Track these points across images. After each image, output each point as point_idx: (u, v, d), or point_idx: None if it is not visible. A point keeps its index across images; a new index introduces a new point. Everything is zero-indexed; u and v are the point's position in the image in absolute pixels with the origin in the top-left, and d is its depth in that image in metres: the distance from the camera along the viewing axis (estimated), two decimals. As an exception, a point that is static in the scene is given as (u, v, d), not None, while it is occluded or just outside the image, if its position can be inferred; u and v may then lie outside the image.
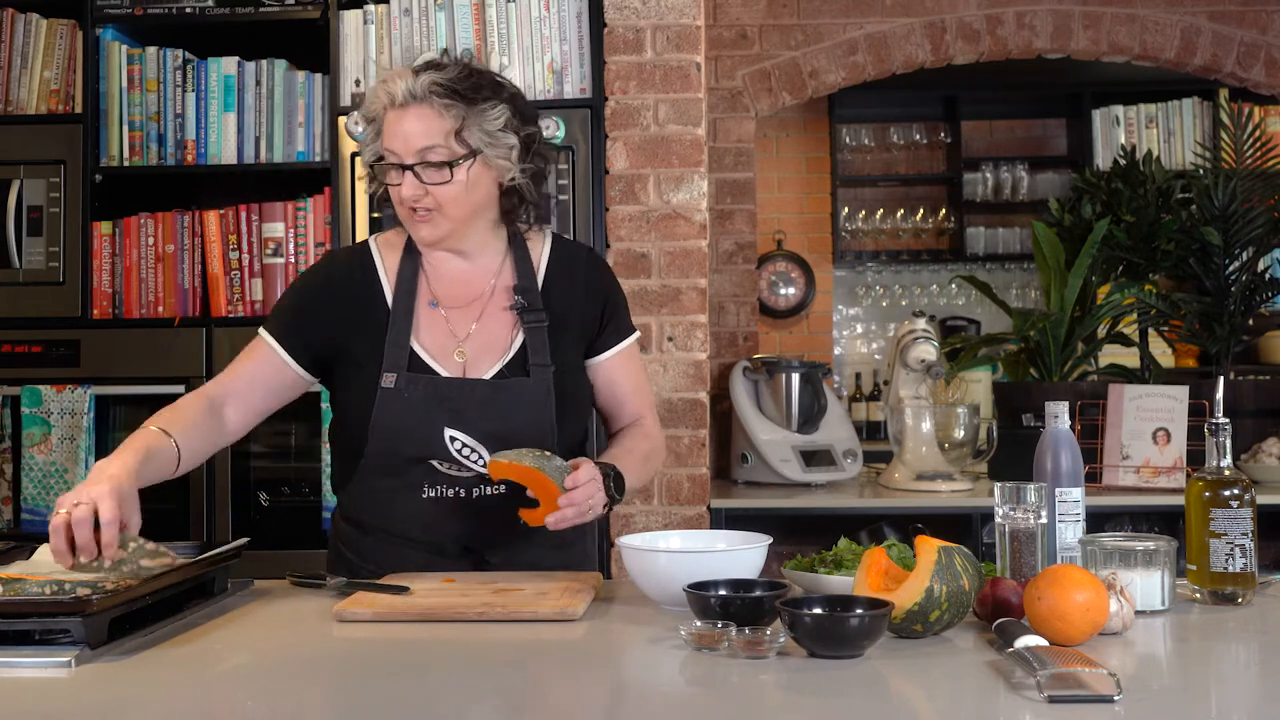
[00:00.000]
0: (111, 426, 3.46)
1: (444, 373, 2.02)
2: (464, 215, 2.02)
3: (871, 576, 1.64)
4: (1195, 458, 3.30)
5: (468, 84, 1.97)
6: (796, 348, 6.54)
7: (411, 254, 2.10)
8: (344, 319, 2.07)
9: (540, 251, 2.14)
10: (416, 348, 2.04)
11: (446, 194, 1.98)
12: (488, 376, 2.03)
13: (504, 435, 1.99)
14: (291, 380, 2.10)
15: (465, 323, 2.07)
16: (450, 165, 1.96)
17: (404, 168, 1.97)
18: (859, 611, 1.51)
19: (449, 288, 2.09)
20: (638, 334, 2.22)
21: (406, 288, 2.07)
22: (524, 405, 2.02)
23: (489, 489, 2.01)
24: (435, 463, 2.01)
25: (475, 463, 2.01)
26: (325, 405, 3.32)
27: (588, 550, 2.21)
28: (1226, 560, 1.76)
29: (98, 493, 1.73)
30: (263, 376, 2.08)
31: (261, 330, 2.11)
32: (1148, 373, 3.91)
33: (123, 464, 1.83)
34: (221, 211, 3.50)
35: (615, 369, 2.16)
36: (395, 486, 2.04)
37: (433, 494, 2.02)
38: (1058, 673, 1.32)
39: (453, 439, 2.00)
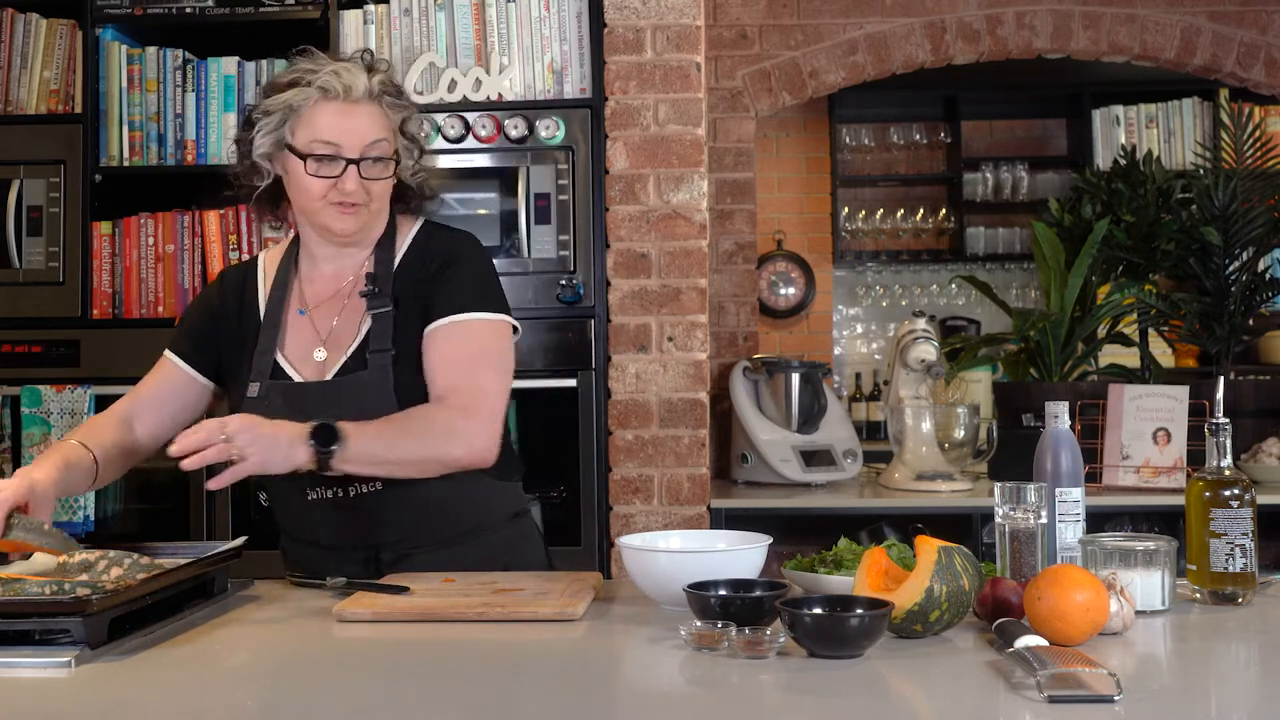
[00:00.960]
0: (111, 426, 3.46)
1: (299, 378, 2.04)
2: (382, 209, 2.08)
3: (871, 576, 1.64)
4: (1195, 458, 3.30)
5: (401, 88, 2.09)
6: (796, 348, 6.54)
7: (285, 266, 2.14)
8: (226, 335, 2.14)
9: (405, 237, 2.13)
10: (280, 357, 2.07)
11: (380, 189, 2.04)
12: (332, 373, 2.03)
13: None
14: (198, 391, 2.17)
15: (327, 320, 2.08)
16: (396, 161, 2.04)
17: (348, 161, 1.99)
18: (859, 611, 1.51)
19: (318, 289, 2.11)
20: (483, 317, 2.04)
21: (278, 296, 2.11)
22: (364, 397, 1.98)
23: (364, 486, 2.00)
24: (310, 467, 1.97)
25: None
26: (325, 405, 3.32)
27: (510, 538, 2.13)
28: (1226, 560, 1.76)
29: (5, 484, 1.82)
30: (170, 391, 2.17)
31: (166, 350, 2.19)
32: (1148, 373, 3.91)
33: (44, 471, 1.90)
34: (221, 211, 3.50)
35: (430, 344, 2.02)
36: (285, 491, 2.08)
37: (314, 495, 2.04)
38: (1058, 673, 1.32)
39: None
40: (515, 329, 2.10)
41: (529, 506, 2.23)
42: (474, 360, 2.02)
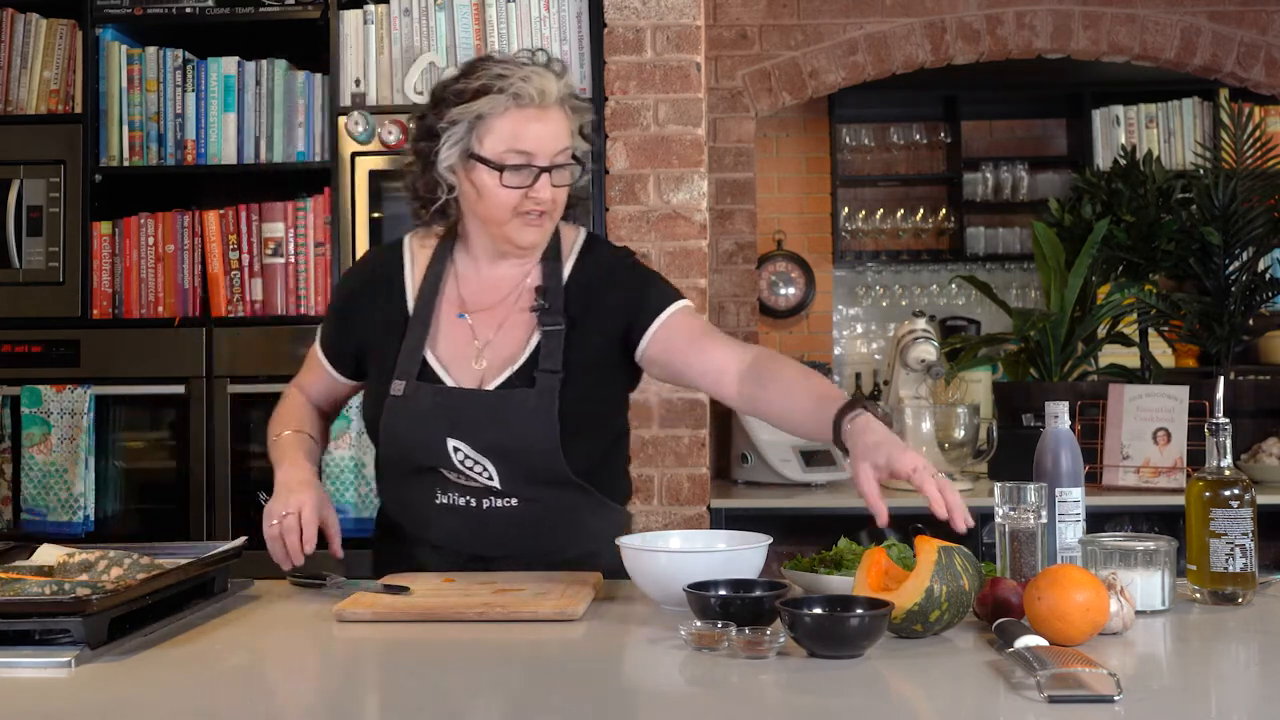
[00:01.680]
0: (111, 426, 3.47)
1: (452, 382, 1.98)
2: (559, 217, 2.01)
3: (871, 576, 1.64)
4: (1195, 458, 3.30)
5: (576, 90, 2.01)
6: (796, 348, 6.54)
7: (440, 259, 2.06)
8: (369, 323, 2.06)
9: (571, 249, 2.06)
10: (430, 356, 2.00)
11: (563, 196, 1.97)
12: (493, 386, 1.97)
13: (504, 447, 1.94)
14: (342, 386, 2.17)
15: (488, 329, 2.01)
16: (581, 168, 1.98)
17: (543, 169, 1.92)
18: (859, 611, 1.51)
19: (478, 293, 2.04)
20: (685, 303, 2.02)
21: (430, 293, 2.03)
22: (525, 416, 1.93)
23: (499, 501, 1.98)
24: (444, 471, 1.98)
25: (480, 475, 1.96)
26: (325, 405, 3.32)
27: (614, 565, 2.06)
28: (1226, 560, 1.76)
29: (296, 501, 1.92)
30: (321, 385, 2.18)
31: (316, 346, 2.17)
32: (1148, 373, 3.91)
33: (304, 470, 2.01)
34: (221, 211, 3.50)
35: (666, 338, 1.98)
36: (412, 492, 2.03)
37: (445, 501, 2.00)
38: (1058, 673, 1.32)
39: (456, 450, 1.95)
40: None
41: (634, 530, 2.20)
42: (715, 331, 2.05)
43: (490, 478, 1.95)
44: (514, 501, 1.97)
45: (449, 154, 1.93)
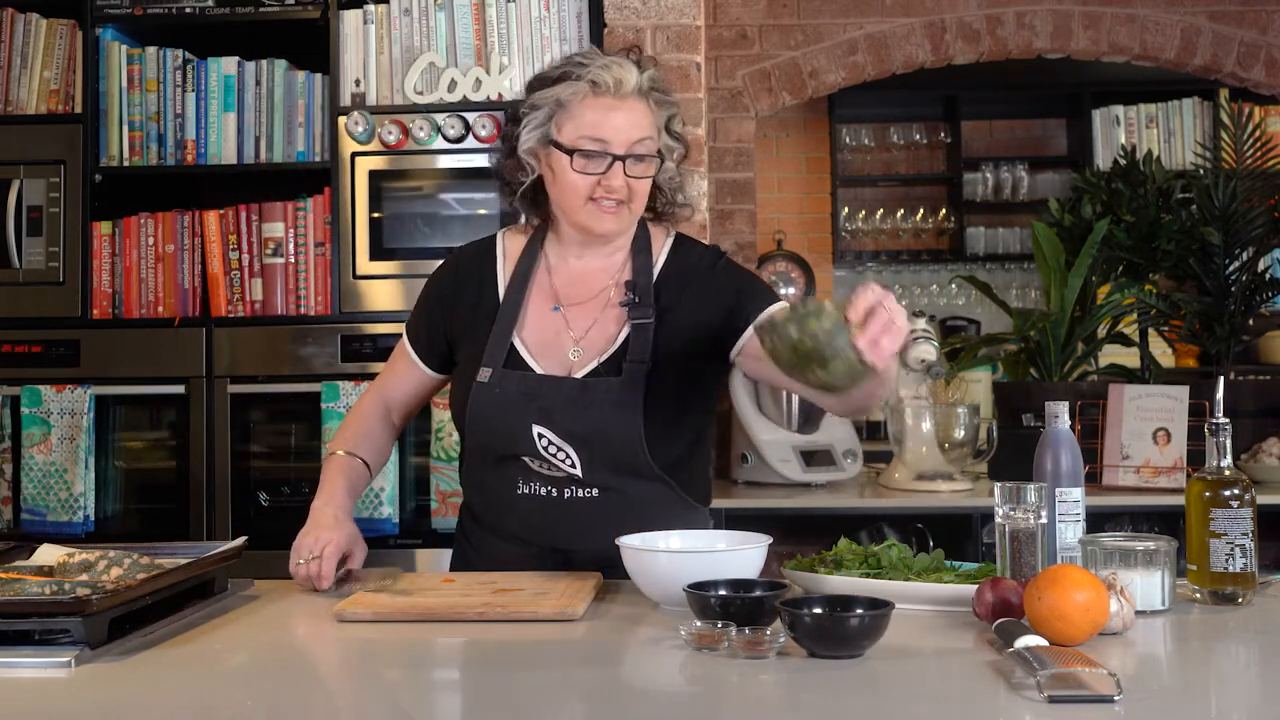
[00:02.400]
0: (111, 426, 3.47)
1: (541, 370, 2.00)
2: (641, 209, 2.04)
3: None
4: (1195, 458, 3.30)
5: (665, 85, 2.03)
6: (796, 348, 6.53)
7: (531, 252, 2.09)
8: (460, 313, 2.10)
9: (661, 247, 2.10)
10: (518, 344, 2.02)
11: (642, 188, 1.99)
12: (581, 374, 1.99)
13: (589, 436, 1.96)
14: (430, 382, 2.18)
15: (583, 321, 2.04)
16: (660, 159, 2.00)
17: (615, 158, 1.95)
18: (859, 611, 1.51)
19: (569, 285, 2.07)
20: (785, 305, 2.00)
21: (520, 284, 2.06)
22: (610, 403, 1.95)
23: (581, 491, 1.99)
24: (527, 460, 1.99)
25: (563, 462, 1.97)
26: (326, 406, 3.32)
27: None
28: (1226, 560, 1.76)
29: (322, 541, 1.94)
30: (409, 380, 2.18)
31: (405, 339, 2.18)
32: (1148, 373, 3.91)
33: (337, 505, 2.03)
34: (221, 211, 3.50)
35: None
36: (493, 480, 2.04)
37: (526, 490, 2.01)
38: (1058, 673, 1.32)
39: (540, 436, 1.96)
40: None
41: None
42: None
43: (573, 465, 1.97)
44: (595, 492, 1.99)
45: (529, 137, 1.99)
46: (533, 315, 2.05)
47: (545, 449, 1.97)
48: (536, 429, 1.96)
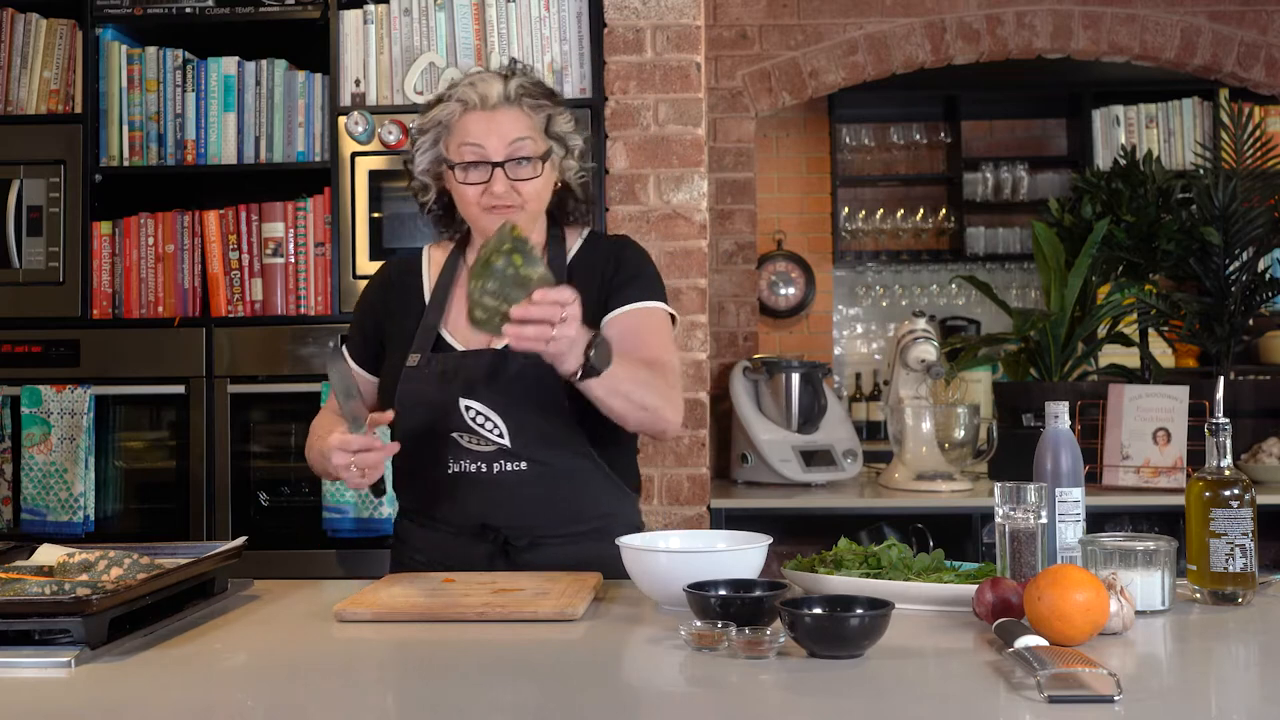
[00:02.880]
0: (111, 426, 3.47)
1: (462, 349, 2.10)
2: (538, 210, 2.14)
3: None
4: (1195, 458, 3.30)
5: (545, 89, 2.14)
6: (796, 348, 6.54)
7: (454, 261, 2.21)
8: (388, 318, 2.21)
9: (575, 241, 2.21)
10: (444, 332, 2.13)
11: (531, 189, 2.09)
12: (499, 346, 2.06)
13: (513, 403, 2.05)
14: (372, 386, 2.23)
15: None
16: (542, 159, 2.09)
17: (495, 165, 2.06)
18: (859, 611, 1.51)
19: None
20: (660, 306, 2.15)
21: (445, 283, 2.18)
22: (530, 372, 2.02)
23: (510, 464, 2.06)
24: (457, 435, 2.06)
25: (491, 432, 2.05)
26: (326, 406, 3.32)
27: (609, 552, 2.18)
28: (1226, 560, 1.76)
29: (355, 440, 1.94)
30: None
31: (344, 347, 2.26)
32: (1148, 373, 3.91)
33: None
34: (221, 211, 3.50)
35: (617, 330, 2.08)
36: (424, 463, 2.10)
37: (457, 468, 2.08)
38: (1058, 673, 1.32)
39: (468, 408, 2.05)
40: (674, 319, 2.20)
41: (643, 523, 2.27)
42: (660, 344, 2.13)
43: (501, 434, 2.05)
44: (523, 465, 2.06)
45: (421, 160, 2.15)
46: (455, 309, 2.14)
47: (474, 419, 2.06)
48: (464, 401, 2.06)
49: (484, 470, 2.07)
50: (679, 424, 2.11)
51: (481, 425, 2.06)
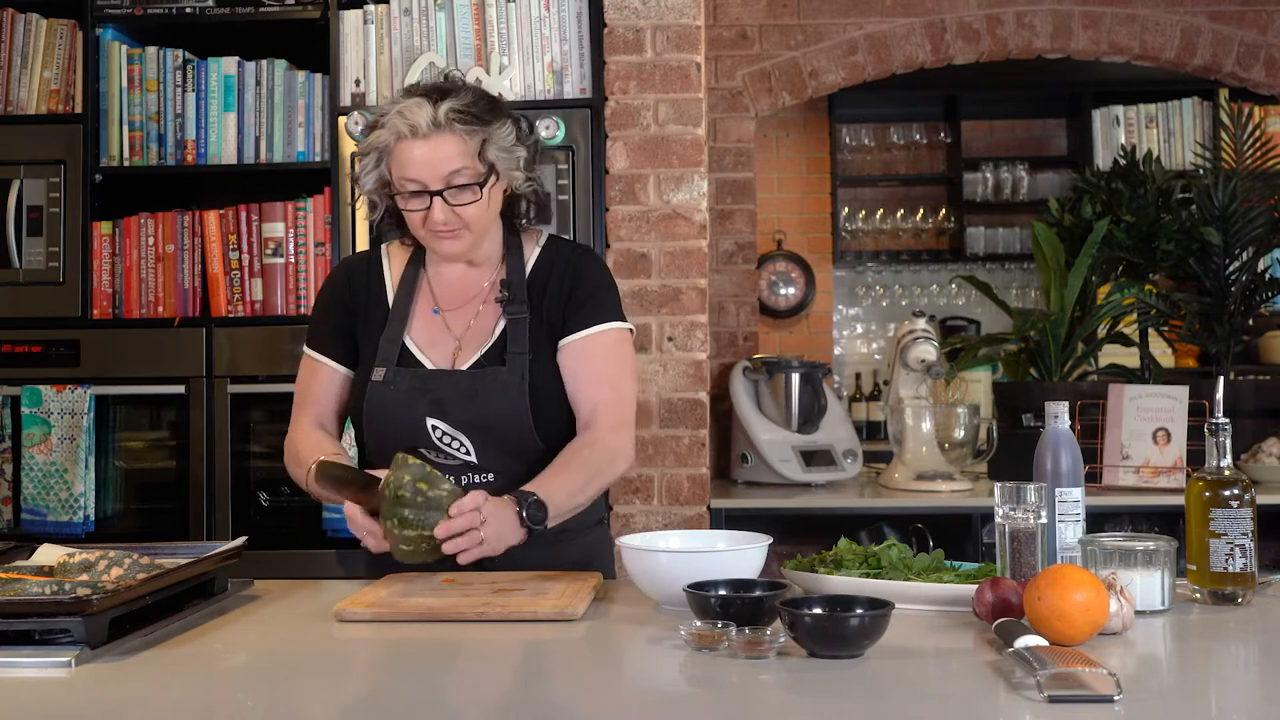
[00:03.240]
0: (111, 426, 3.47)
1: (430, 365, 2.10)
2: (485, 228, 2.11)
3: None
4: (1195, 458, 3.30)
5: (480, 106, 2.06)
6: (796, 348, 6.54)
7: (416, 261, 2.20)
8: (354, 318, 2.19)
9: (533, 249, 2.19)
10: (409, 343, 2.12)
11: (473, 213, 2.06)
12: (465, 366, 2.09)
13: (481, 423, 2.05)
14: (343, 381, 2.20)
15: (462, 320, 2.14)
16: (480, 185, 2.05)
17: (432, 194, 2.02)
18: (859, 611, 1.51)
19: (450, 290, 2.18)
20: (616, 326, 2.15)
21: (407, 291, 2.16)
22: (498, 393, 2.05)
23: (477, 477, 2.06)
24: (424, 452, 2.06)
25: (458, 451, 2.06)
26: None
27: (590, 546, 2.19)
28: (1226, 560, 1.76)
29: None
30: (330, 387, 2.20)
31: (309, 351, 2.21)
32: (1148, 373, 3.91)
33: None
34: (221, 211, 3.50)
35: (573, 356, 2.12)
36: None
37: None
38: (1058, 673, 1.32)
39: (434, 428, 2.06)
40: (633, 331, 2.21)
41: (605, 516, 2.29)
42: (616, 371, 2.14)
43: (468, 453, 2.06)
44: (491, 477, 2.06)
45: (366, 180, 2.09)
46: (418, 318, 2.15)
47: (440, 439, 2.06)
48: (430, 421, 2.06)
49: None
50: (632, 457, 2.15)
51: (448, 445, 2.06)
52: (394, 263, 2.21)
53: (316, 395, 2.19)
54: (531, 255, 2.18)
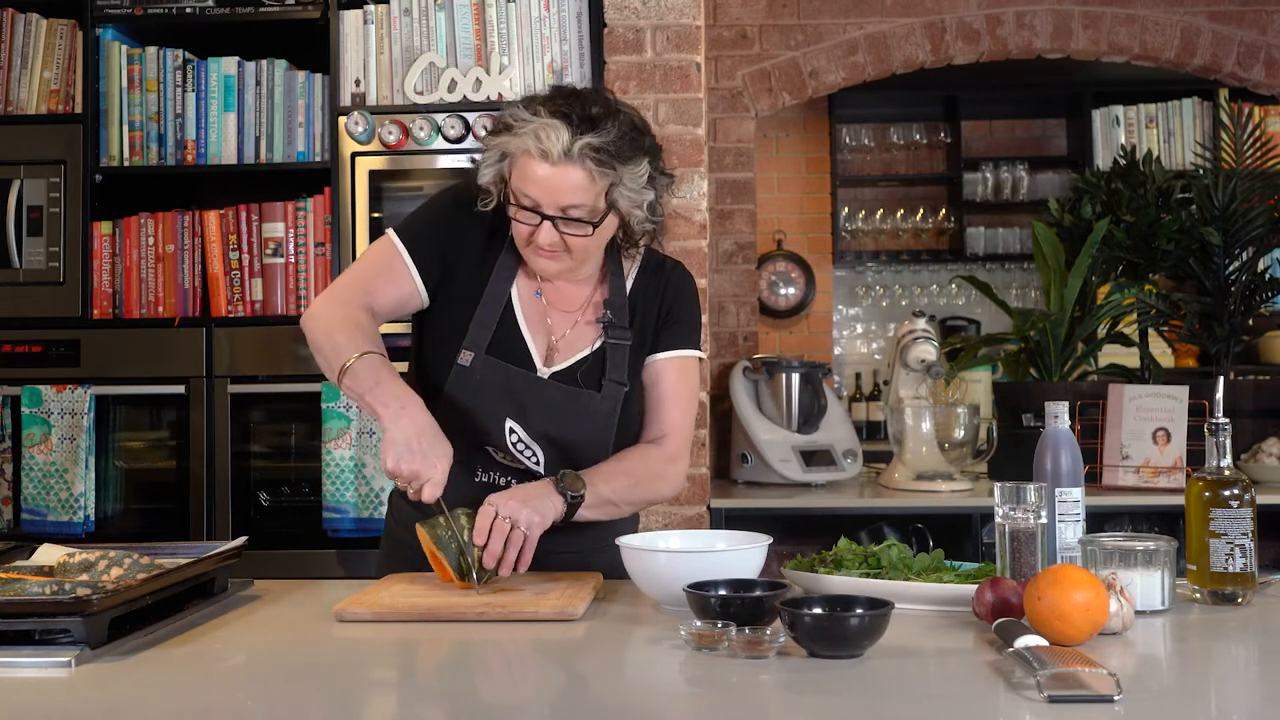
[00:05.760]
0: (111, 426, 3.47)
1: (533, 353, 2.02)
2: (589, 257, 2.03)
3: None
4: (1195, 458, 3.30)
5: (622, 145, 1.92)
6: (796, 348, 6.54)
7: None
8: (464, 250, 2.05)
9: (633, 264, 2.12)
10: (518, 314, 2.03)
11: (579, 244, 1.96)
12: (559, 368, 2.03)
13: (560, 439, 2.01)
14: (416, 302, 2.05)
15: (564, 322, 2.07)
16: (593, 224, 1.94)
17: (544, 216, 1.93)
18: (859, 611, 1.51)
19: (553, 289, 2.08)
20: (698, 354, 2.14)
21: (510, 269, 2.05)
22: (587, 417, 2.02)
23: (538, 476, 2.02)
24: (491, 450, 2.02)
25: (528, 459, 2.02)
26: (326, 406, 3.32)
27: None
28: (1226, 560, 1.76)
29: (432, 464, 1.84)
30: (397, 292, 2.03)
31: (400, 246, 2.04)
32: (1148, 373, 3.91)
33: (426, 412, 1.88)
34: (221, 211, 3.50)
35: (658, 373, 2.09)
36: (454, 473, 1.97)
37: (485, 479, 2.03)
38: (1058, 673, 1.32)
39: (511, 431, 2.00)
40: (703, 360, 2.19)
41: (636, 528, 2.25)
42: (690, 397, 2.14)
43: (537, 462, 2.02)
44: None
45: (485, 172, 1.98)
46: (520, 305, 2.05)
47: (514, 444, 2.01)
48: (509, 423, 2.00)
49: (514, 483, 2.01)
50: (680, 489, 2.15)
51: (521, 451, 2.01)
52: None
53: (380, 287, 2.02)
54: (631, 272, 2.11)
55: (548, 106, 1.91)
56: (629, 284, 2.10)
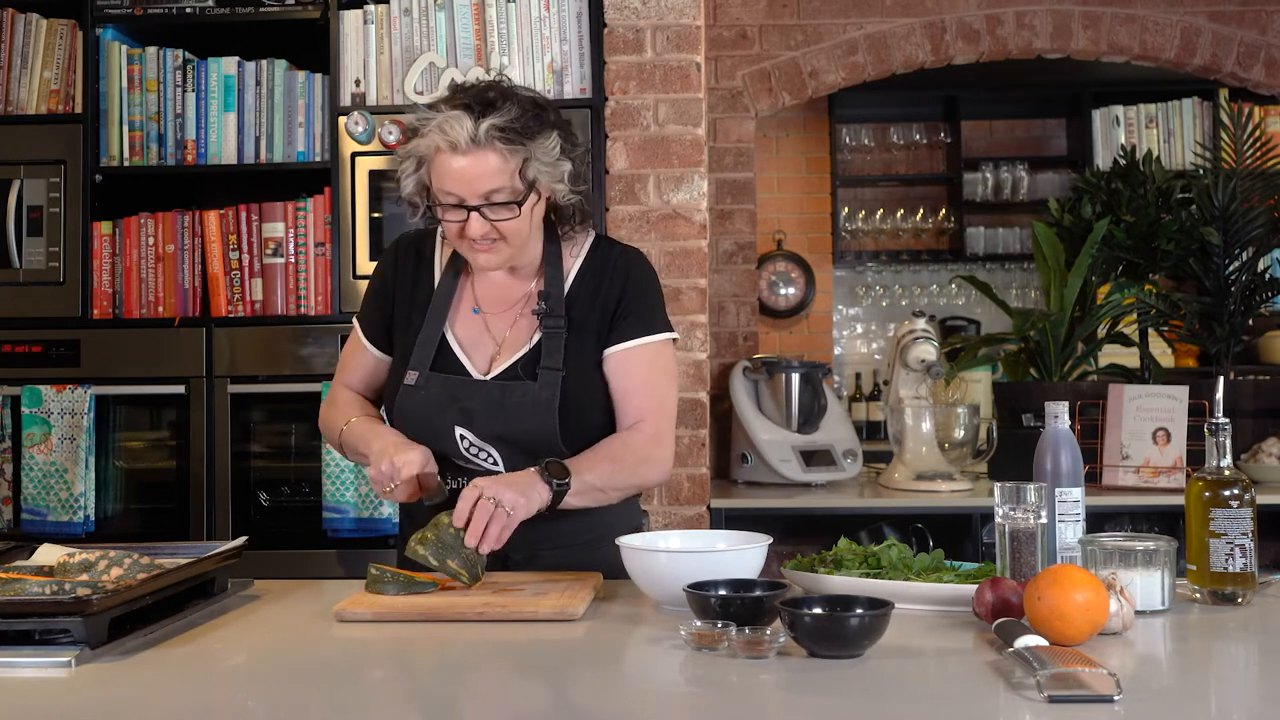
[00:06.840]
0: (111, 426, 3.47)
1: (473, 369, 2.08)
2: (523, 241, 2.07)
3: None
4: (1195, 458, 3.30)
5: (525, 120, 2.01)
6: (796, 348, 6.54)
7: (460, 257, 2.15)
8: (392, 305, 2.18)
9: (576, 255, 2.16)
10: (451, 340, 2.10)
11: (510, 227, 2.02)
12: (497, 372, 2.07)
13: (509, 436, 2.04)
14: (383, 366, 2.21)
15: (502, 324, 2.12)
16: (518, 204, 2.00)
17: (469, 208, 1.99)
18: (859, 611, 1.51)
19: (491, 292, 2.15)
20: (664, 337, 2.13)
21: (449, 287, 2.14)
22: (527, 407, 2.04)
23: None
24: (452, 457, 2.06)
25: (485, 462, 2.05)
26: (325, 405, 3.32)
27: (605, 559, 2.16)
28: (1226, 560, 1.76)
29: (407, 459, 1.95)
30: (364, 366, 2.23)
31: (358, 329, 2.23)
32: (1148, 373, 3.91)
33: (391, 434, 2.06)
34: (221, 211, 3.50)
35: (620, 365, 2.10)
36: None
37: (453, 485, 2.06)
38: (1058, 673, 1.32)
39: (462, 438, 2.05)
40: (676, 339, 2.19)
41: (643, 523, 2.26)
42: (661, 381, 2.13)
43: (495, 463, 2.05)
44: None
45: (406, 184, 2.09)
46: (460, 317, 2.13)
47: (467, 449, 2.06)
48: (459, 430, 2.05)
49: None
50: (670, 471, 2.14)
51: (475, 455, 2.06)
52: (446, 249, 2.18)
53: (354, 369, 2.23)
54: (576, 261, 2.14)
55: (448, 103, 2.02)
56: (571, 273, 2.14)
